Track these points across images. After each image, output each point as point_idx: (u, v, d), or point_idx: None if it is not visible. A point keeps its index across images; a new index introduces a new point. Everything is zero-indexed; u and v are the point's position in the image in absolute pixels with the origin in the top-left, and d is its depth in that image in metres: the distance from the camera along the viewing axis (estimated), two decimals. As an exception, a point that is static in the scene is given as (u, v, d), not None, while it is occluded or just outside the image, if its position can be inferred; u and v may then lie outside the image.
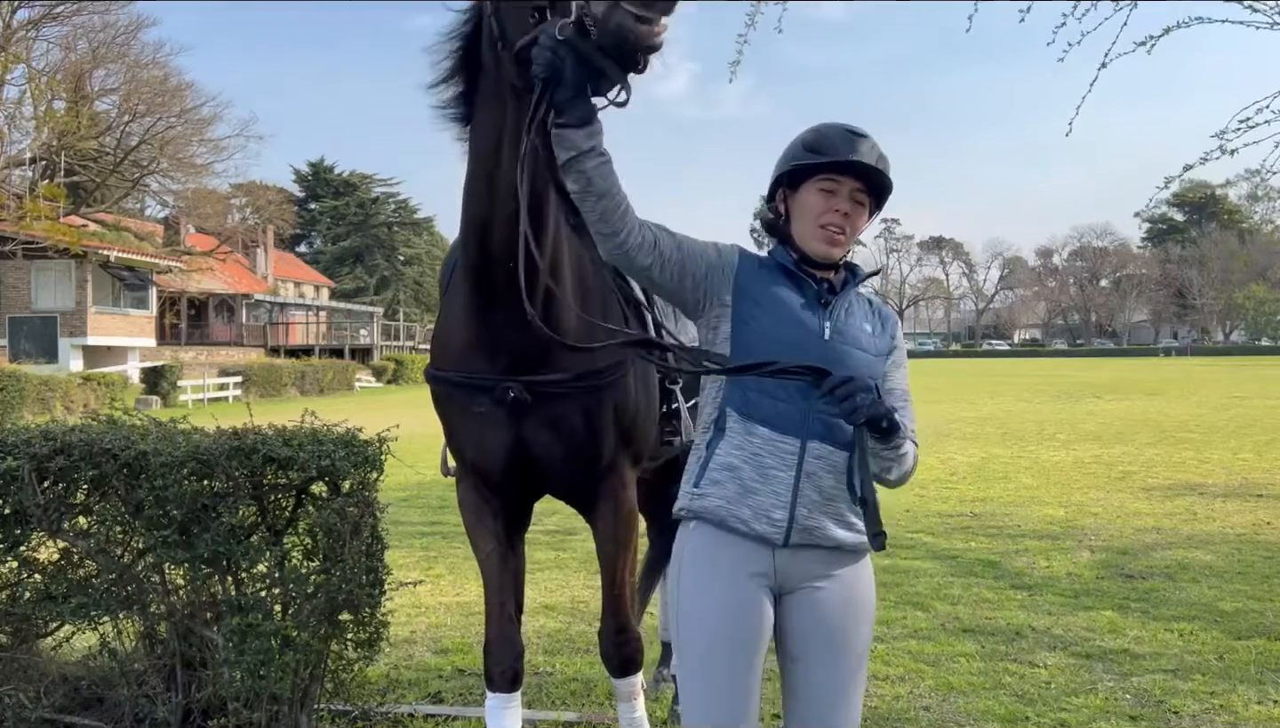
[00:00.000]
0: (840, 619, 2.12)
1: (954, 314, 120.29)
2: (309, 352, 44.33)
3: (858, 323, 2.18)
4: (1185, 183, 7.37)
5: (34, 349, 31.74)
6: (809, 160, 2.13)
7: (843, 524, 2.11)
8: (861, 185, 2.15)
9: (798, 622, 2.12)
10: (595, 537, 3.04)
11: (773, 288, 2.16)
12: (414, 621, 5.30)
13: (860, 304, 2.23)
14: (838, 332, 2.13)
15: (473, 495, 3.00)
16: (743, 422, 2.09)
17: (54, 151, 35.96)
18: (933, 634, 4.97)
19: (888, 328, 2.25)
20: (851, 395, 1.93)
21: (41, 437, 3.20)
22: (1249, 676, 4.30)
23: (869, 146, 2.13)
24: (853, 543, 2.12)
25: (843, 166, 2.11)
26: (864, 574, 2.18)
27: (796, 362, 1.99)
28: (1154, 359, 70.04)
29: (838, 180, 2.13)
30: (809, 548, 2.09)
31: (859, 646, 2.14)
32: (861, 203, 2.17)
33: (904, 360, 2.29)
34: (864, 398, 1.93)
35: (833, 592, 2.12)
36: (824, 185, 2.14)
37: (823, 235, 2.13)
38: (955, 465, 11.94)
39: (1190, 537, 7.43)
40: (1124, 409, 21.14)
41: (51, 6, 35.70)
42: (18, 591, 3.30)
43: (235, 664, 3.13)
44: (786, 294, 2.15)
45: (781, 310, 2.13)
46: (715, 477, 2.10)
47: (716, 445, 2.12)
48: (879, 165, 2.13)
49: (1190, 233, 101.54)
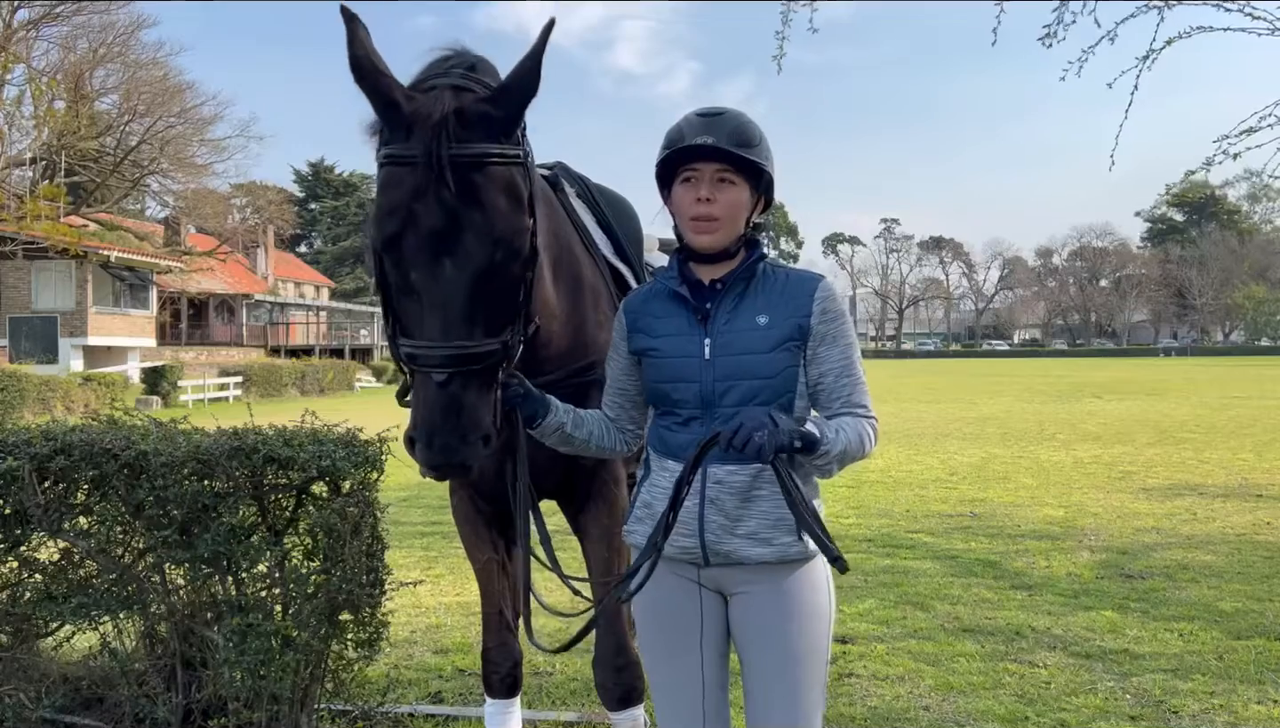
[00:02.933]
0: (774, 618, 2.06)
1: (954, 314, 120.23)
2: (309, 352, 44.36)
3: (747, 319, 2.07)
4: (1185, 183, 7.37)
5: (34, 349, 31.76)
6: (663, 155, 2.09)
7: (760, 543, 2.04)
8: (724, 166, 2.04)
9: (735, 624, 2.13)
10: (585, 542, 2.93)
11: (659, 318, 2.16)
12: (414, 621, 5.31)
13: (763, 288, 2.11)
14: (721, 344, 2.07)
15: (467, 506, 2.97)
16: (658, 458, 2.16)
17: (54, 151, 35.95)
18: (933, 634, 4.97)
19: (797, 304, 2.08)
20: (749, 440, 1.80)
21: (42, 437, 3.20)
22: (1249, 676, 4.30)
23: (722, 123, 2.03)
24: (778, 557, 2.04)
25: (691, 152, 2.03)
26: (806, 576, 2.09)
27: (697, 442, 1.96)
28: (1154, 359, 70.04)
29: (696, 168, 2.06)
30: (731, 566, 2.08)
31: (800, 644, 2.06)
32: (731, 182, 2.05)
33: (838, 332, 2.08)
34: (760, 435, 1.80)
35: (763, 594, 2.08)
36: (685, 176, 2.08)
37: (693, 227, 2.07)
38: (955, 465, 11.94)
39: (1190, 537, 7.43)
40: (1124, 409, 21.14)
41: (51, 6, 35.67)
42: (18, 591, 3.30)
43: (235, 664, 3.14)
44: (670, 320, 2.14)
45: (669, 339, 2.13)
46: (638, 514, 2.18)
47: (642, 484, 2.19)
48: (731, 143, 2.01)
49: (1190, 233, 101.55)
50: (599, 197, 3.23)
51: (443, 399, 1.95)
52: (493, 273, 1.97)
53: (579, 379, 2.66)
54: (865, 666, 4.48)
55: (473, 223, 1.93)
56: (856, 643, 4.82)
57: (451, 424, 1.95)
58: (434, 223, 1.92)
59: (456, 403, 1.95)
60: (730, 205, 2.06)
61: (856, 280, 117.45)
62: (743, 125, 2.05)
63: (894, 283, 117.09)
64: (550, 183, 2.88)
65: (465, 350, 1.95)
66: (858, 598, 5.58)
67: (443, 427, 1.95)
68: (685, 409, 2.09)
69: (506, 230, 1.97)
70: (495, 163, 1.97)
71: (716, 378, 2.05)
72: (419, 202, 1.92)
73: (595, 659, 2.92)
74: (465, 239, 1.94)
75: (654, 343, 2.15)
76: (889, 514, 8.60)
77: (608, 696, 2.89)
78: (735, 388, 2.05)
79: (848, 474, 10.41)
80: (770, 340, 2.05)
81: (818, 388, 2.09)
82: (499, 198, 1.96)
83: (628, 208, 3.37)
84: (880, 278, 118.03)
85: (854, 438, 1.98)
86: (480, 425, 1.98)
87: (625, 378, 2.26)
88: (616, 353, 2.26)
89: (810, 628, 2.08)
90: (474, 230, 1.94)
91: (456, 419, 1.96)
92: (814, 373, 2.08)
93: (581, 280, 2.76)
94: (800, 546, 2.05)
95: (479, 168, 1.94)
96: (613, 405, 2.29)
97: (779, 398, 2.05)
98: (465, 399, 1.96)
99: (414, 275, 1.97)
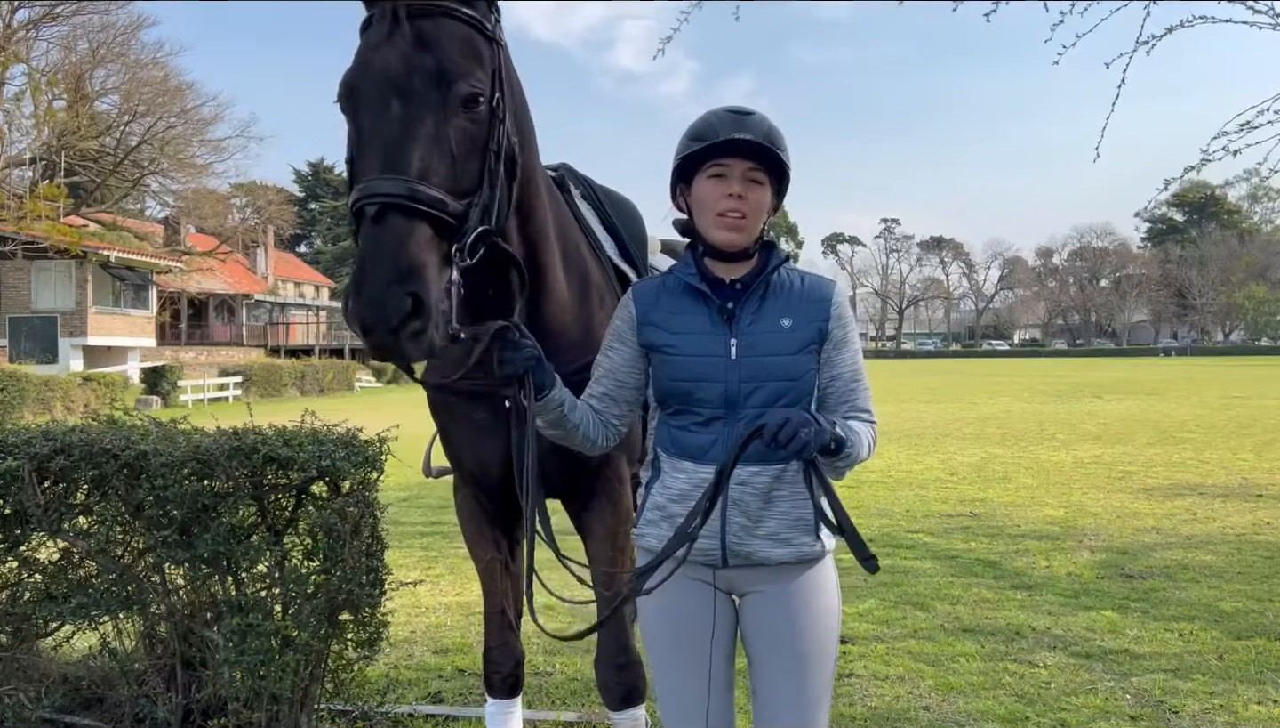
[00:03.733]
0: (786, 618, 2.07)
1: (954, 314, 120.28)
2: (309, 352, 44.38)
3: (771, 321, 2.07)
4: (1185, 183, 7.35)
5: (34, 349, 31.78)
6: (694, 148, 2.05)
7: (780, 543, 2.05)
8: (755, 164, 2.04)
9: (745, 624, 2.12)
10: (589, 541, 2.90)
11: (677, 314, 2.12)
12: (414, 621, 5.31)
13: (782, 291, 2.11)
14: (747, 345, 2.05)
15: (471, 504, 2.95)
16: (670, 459, 2.12)
17: (54, 151, 35.96)
18: (933, 634, 4.97)
19: (817, 308, 2.09)
20: (794, 436, 1.81)
21: (42, 437, 3.20)
22: (1249, 676, 4.30)
23: (755, 122, 2.03)
24: (797, 557, 2.06)
25: (728, 147, 2.02)
26: (816, 577, 2.11)
27: (742, 435, 1.94)
28: (1154, 359, 70.05)
29: (727, 163, 2.04)
30: (749, 567, 2.07)
31: (810, 645, 2.07)
32: (760, 182, 2.06)
33: (849, 337, 2.12)
34: (806, 433, 1.81)
35: (775, 595, 2.08)
36: (714, 171, 2.05)
37: (722, 223, 2.05)
38: (955, 465, 11.94)
39: (1190, 537, 7.43)
40: (1124, 409, 21.14)
41: (51, 6, 35.69)
42: (18, 591, 3.30)
43: (235, 664, 3.14)
44: (690, 317, 2.10)
45: (689, 337, 2.08)
46: (649, 517, 2.14)
47: (652, 486, 2.16)
48: (767, 141, 2.01)
49: (1190, 233, 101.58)
50: (604, 198, 3.23)
51: (376, 237, 1.83)
52: (442, 118, 1.94)
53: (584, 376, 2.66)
54: (865, 666, 4.48)
55: (421, 65, 1.94)
56: (856, 643, 4.81)
57: (385, 268, 1.79)
58: (385, 65, 1.94)
59: (392, 244, 1.81)
60: (757, 204, 2.06)
61: (856, 280, 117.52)
62: (773, 127, 2.05)
63: (894, 283, 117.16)
64: (556, 184, 2.88)
65: (407, 186, 1.85)
66: (858, 598, 5.58)
67: (373, 270, 1.80)
68: (707, 409, 2.06)
69: (455, 73, 1.96)
70: (449, 15, 2.00)
71: (742, 378, 2.03)
72: (375, 51, 1.97)
73: (597, 659, 2.91)
74: (413, 80, 1.93)
75: (671, 339, 2.10)
76: (889, 514, 8.60)
77: (609, 695, 2.88)
78: (761, 389, 2.03)
79: (847, 474, 10.39)
80: (795, 343, 2.06)
81: (828, 391, 2.11)
82: (450, 45, 1.98)
83: (632, 210, 3.37)
84: (880, 278, 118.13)
85: (865, 443, 2.03)
86: (418, 276, 1.80)
87: (627, 369, 2.18)
88: (621, 343, 2.18)
89: (820, 628, 2.10)
90: (421, 72, 1.93)
91: (392, 262, 1.79)
92: (826, 376, 2.10)
93: (588, 279, 2.77)
94: (818, 546, 2.07)
95: (430, 16, 1.98)
96: (603, 397, 2.21)
97: (801, 400, 2.06)
98: (404, 244, 1.81)
99: (365, 122, 1.95)
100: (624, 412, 2.23)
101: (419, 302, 1.79)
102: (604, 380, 2.21)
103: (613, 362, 2.20)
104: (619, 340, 2.20)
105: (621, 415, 2.23)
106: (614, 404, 2.21)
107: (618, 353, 2.20)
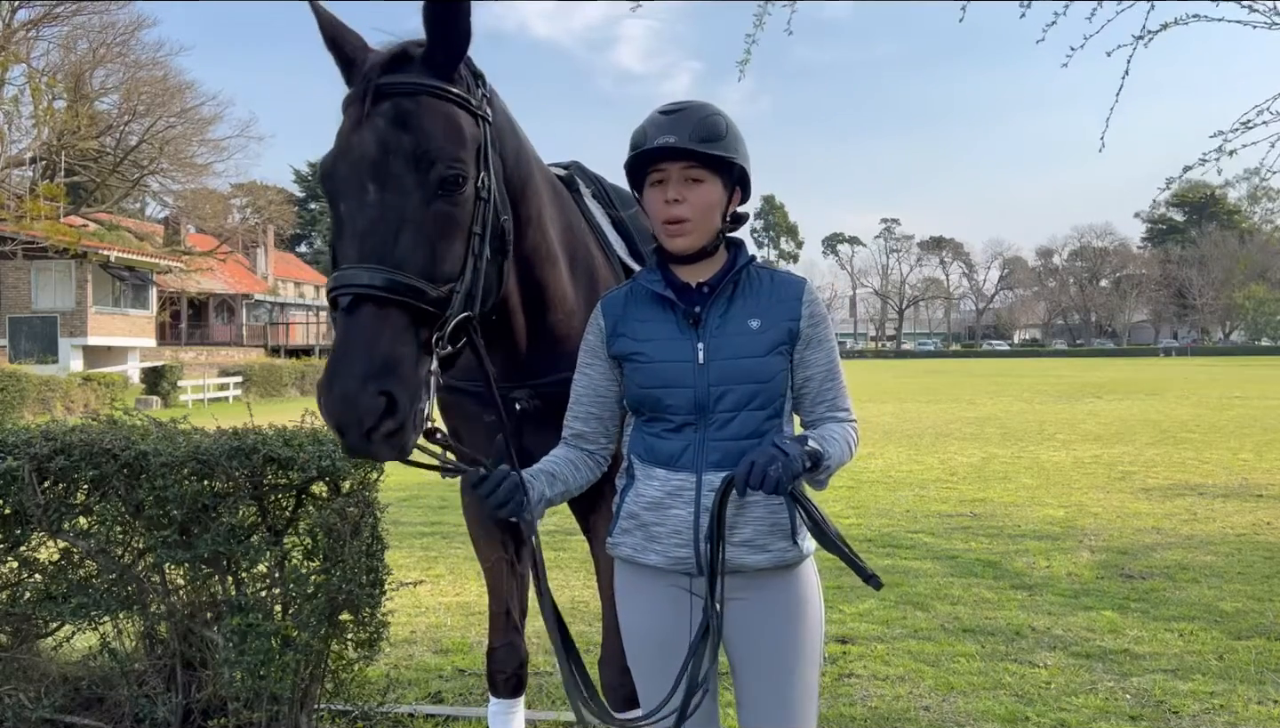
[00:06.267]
0: (766, 624, 2.03)
1: (954, 314, 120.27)
2: (309, 352, 44.34)
3: (739, 323, 2.02)
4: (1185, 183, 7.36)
5: (34, 349, 31.79)
6: (628, 159, 2.02)
7: (757, 550, 2.00)
8: (690, 162, 1.97)
9: (726, 632, 2.05)
10: (595, 543, 2.87)
11: (646, 321, 2.07)
12: (414, 621, 5.31)
13: (750, 291, 2.06)
14: (714, 349, 2.00)
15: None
16: (644, 466, 2.07)
17: (54, 151, 35.96)
18: (933, 634, 4.97)
19: (786, 307, 2.04)
20: (764, 477, 1.73)
21: (42, 437, 3.20)
22: (1249, 676, 4.30)
23: (684, 119, 1.96)
24: (775, 564, 2.01)
25: (655, 154, 1.96)
26: (796, 582, 2.06)
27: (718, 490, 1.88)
28: (1154, 359, 70.03)
29: (663, 168, 1.98)
30: (727, 575, 2.00)
31: (793, 649, 2.03)
32: (701, 179, 1.98)
33: (822, 335, 2.06)
34: (775, 469, 1.73)
35: (755, 600, 2.04)
36: (655, 177, 2.01)
37: (666, 231, 2.01)
38: (955, 465, 11.94)
39: (1190, 537, 7.43)
40: (1124, 409, 21.14)
41: (51, 6, 35.68)
42: (18, 591, 3.30)
43: (235, 664, 3.13)
44: (658, 324, 2.06)
45: (657, 344, 2.04)
46: (624, 525, 2.10)
47: (626, 493, 2.11)
48: (694, 139, 1.94)
49: (1190, 233, 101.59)
50: (614, 196, 3.21)
51: (349, 329, 1.75)
52: (420, 202, 1.86)
53: None
54: (865, 666, 4.48)
55: (399, 147, 1.86)
56: (856, 643, 4.82)
57: (358, 363, 1.71)
58: (362, 147, 1.86)
59: (366, 337, 1.73)
60: (701, 204, 1.99)
61: (856, 280, 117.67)
62: (707, 118, 1.97)
63: (894, 283, 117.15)
64: (565, 182, 2.86)
65: (383, 275, 1.77)
66: (858, 598, 5.58)
67: (346, 366, 1.71)
68: (677, 415, 2.02)
69: (435, 155, 1.87)
70: (428, 93, 1.93)
71: (711, 383, 1.99)
72: (352, 133, 1.89)
73: (601, 659, 2.90)
74: (391, 162, 1.85)
75: (640, 347, 2.05)
76: (889, 514, 8.60)
77: (614, 696, 2.85)
78: (731, 393, 1.99)
79: (847, 475, 10.41)
80: (764, 344, 2.01)
81: (803, 391, 2.07)
82: (431, 125, 1.89)
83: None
84: (880, 278, 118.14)
85: (844, 446, 1.97)
86: (391, 373, 1.72)
87: (606, 384, 2.14)
88: (595, 358, 2.14)
89: (802, 632, 2.06)
90: (398, 155, 1.85)
91: (365, 357, 1.71)
92: (800, 376, 2.06)
93: (596, 279, 2.74)
94: (796, 550, 2.03)
95: (409, 96, 1.91)
96: (587, 419, 2.15)
97: (773, 402, 2.02)
98: (378, 337, 1.74)
99: (343, 207, 1.88)
100: (609, 430, 2.19)
101: (393, 400, 1.72)
102: (585, 400, 2.16)
103: (591, 379, 2.16)
104: (594, 356, 2.15)
105: (608, 434, 2.18)
106: (599, 424, 2.17)
107: (595, 369, 2.15)
